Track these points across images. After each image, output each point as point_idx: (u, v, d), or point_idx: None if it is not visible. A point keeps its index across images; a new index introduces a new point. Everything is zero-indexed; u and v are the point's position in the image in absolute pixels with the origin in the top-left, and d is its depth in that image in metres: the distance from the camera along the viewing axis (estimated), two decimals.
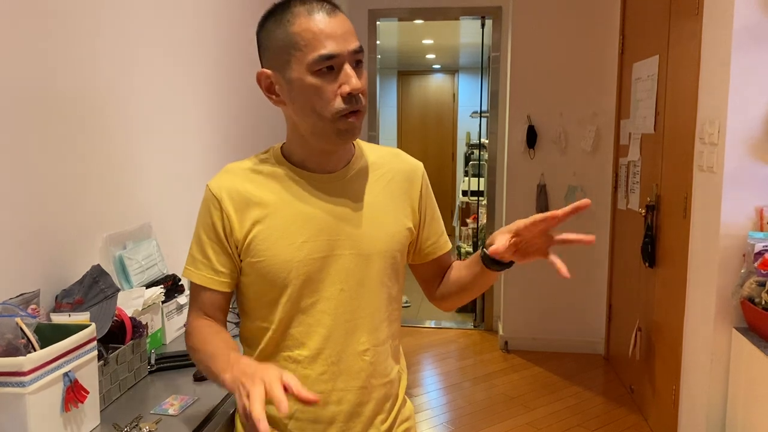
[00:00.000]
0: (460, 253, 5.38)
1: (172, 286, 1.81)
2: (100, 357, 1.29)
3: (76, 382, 1.15)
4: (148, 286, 1.71)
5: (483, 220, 4.87)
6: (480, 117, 5.13)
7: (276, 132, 3.03)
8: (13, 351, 1.08)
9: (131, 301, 1.56)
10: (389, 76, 8.75)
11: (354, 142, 1.17)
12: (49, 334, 1.15)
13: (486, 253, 1.08)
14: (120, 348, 1.38)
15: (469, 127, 8.27)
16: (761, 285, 2.04)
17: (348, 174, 1.13)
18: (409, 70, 8.84)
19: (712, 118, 2.29)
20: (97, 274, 1.47)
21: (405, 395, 1.24)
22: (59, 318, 1.32)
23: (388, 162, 1.19)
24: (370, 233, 1.11)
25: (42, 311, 1.34)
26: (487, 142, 4.67)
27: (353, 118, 1.04)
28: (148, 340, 1.56)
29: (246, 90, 2.76)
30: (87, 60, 1.61)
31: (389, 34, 6.36)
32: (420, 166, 1.23)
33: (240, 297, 1.15)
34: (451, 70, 8.82)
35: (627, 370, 3.53)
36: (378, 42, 4.50)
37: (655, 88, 3.01)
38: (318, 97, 1.02)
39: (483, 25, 4.47)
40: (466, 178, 6.37)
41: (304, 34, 1.00)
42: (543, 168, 4.04)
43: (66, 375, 1.12)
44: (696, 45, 2.45)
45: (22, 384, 1.03)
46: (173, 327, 1.79)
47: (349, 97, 1.02)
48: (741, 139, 2.17)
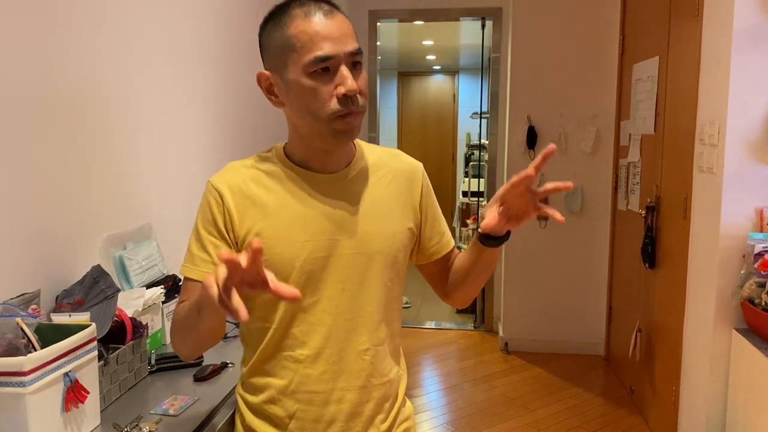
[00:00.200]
0: None
1: (173, 287, 1.81)
2: (101, 357, 1.29)
3: (77, 382, 1.15)
4: (149, 287, 1.71)
5: None
6: (480, 118, 5.13)
7: (277, 132, 3.04)
8: (13, 351, 1.08)
9: (131, 302, 1.56)
10: (389, 77, 8.76)
11: (354, 142, 1.17)
12: (50, 335, 1.15)
13: (479, 232, 1.11)
14: (120, 348, 1.38)
15: (469, 127, 8.28)
16: (761, 286, 2.04)
17: (349, 174, 1.13)
18: (409, 71, 8.85)
19: (712, 119, 2.29)
20: (97, 275, 1.47)
21: (405, 395, 1.24)
22: (60, 318, 1.32)
23: (388, 162, 1.19)
24: (371, 233, 1.11)
25: (42, 311, 1.34)
26: (487, 143, 4.68)
27: (350, 119, 1.04)
28: (149, 341, 1.56)
29: (247, 90, 2.76)
30: (88, 60, 1.61)
31: (389, 35, 6.37)
32: (419, 166, 1.23)
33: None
34: (452, 71, 8.83)
35: (627, 371, 3.53)
36: (378, 43, 4.51)
37: (655, 89, 3.01)
38: (314, 98, 1.02)
39: (483, 26, 4.47)
40: (467, 179, 6.37)
41: (301, 36, 1.00)
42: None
43: (66, 375, 1.12)
44: (696, 46, 2.45)
45: (22, 384, 1.04)
46: None
47: (345, 98, 1.02)
48: (741, 140, 2.17)
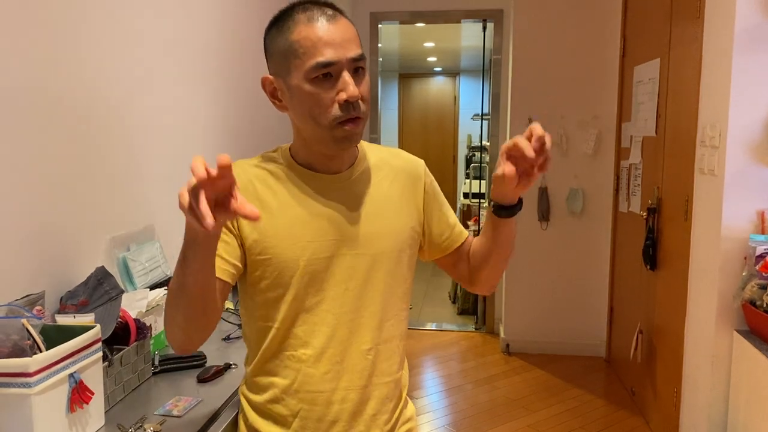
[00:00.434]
0: None
1: None
2: (105, 358, 1.29)
3: (81, 383, 1.15)
4: (152, 288, 1.72)
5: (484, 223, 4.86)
6: (481, 119, 5.14)
7: (281, 133, 3.04)
8: (19, 352, 1.08)
9: (135, 303, 1.57)
10: (391, 79, 8.77)
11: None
12: (54, 336, 1.16)
13: (493, 203, 1.12)
14: (124, 349, 1.39)
15: (470, 129, 8.29)
16: (762, 288, 2.05)
17: (353, 175, 1.14)
18: (410, 73, 8.87)
19: (714, 121, 2.30)
20: (101, 276, 1.48)
21: (407, 396, 1.25)
22: (64, 319, 1.33)
23: (389, 162, 1.20)
24: (374, 233, 1.12)
25: (47, 312, 1.35)
26: (488, 144, 4.68)
27: (350, 126, 1.04)
28: (152, 342, 1.57)
29: (251, 92, 2.77)
30: (93, 61, 1.62)
31: (391, 37, 6.38)
32: (421, 162, 1.24)
33: (243, 296, 1.15)
34: (453, 72, 8.84)
35: (628, 372, 3.53)
36: (379, 45, 4.51)
37: (656, 91, 3.02)
38: (315, 104, 1.03)
39: (484, 28, 4.47)
40: (468, 181, 6.38)
41: (303, 42, 1.01)
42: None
43: (71, 376, 1.13)
44: (697, 48, 2.46)
45: (28, 385, 1.04)
46: None
47: (346, 104, 1.02)
48: (742, 142, 2.18)
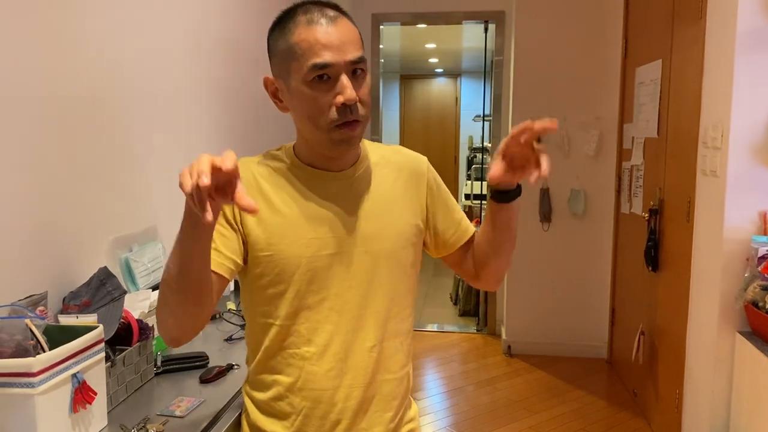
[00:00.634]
0: None
1: None
2: (107, 359, 1.29)
3: (84, 383, 1.15)
4: (154, 289, 1.72)
5: None
6: (483, 121, 5.14)
7: (284, 133, 3.04)
8: (22, 352, 1.08)
9: (138, 303, 1.57)
10: (392, 80, 8.78)
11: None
12: (57, 336, 1.16)
13: (491, 188, 1.12)
14: (127, 350, 1.39)
15: (471, 130, 8.29)
16: (765, 289, 2.04)
17: (355, 173, 1.14)
18: (411, 74, 8.87)
19: (716, 122, 2.30)
20: (104, 276, 1.48)
21: (410, 396, 1.25)
22: (67, 320, 1.33)
23: (391, 159, 1.20)
24: (377, 231, 1.12)
25: (49, 313, 1.35)
26: (489, 145, 4.68)
27: (348, 129, 1.03)
28: (155, 342, 1.57)
29: (253, 92, 2.77)
30: (96, 62, 1.62)
31: (392, 38, 6.38)
32: (424, 159, 1.24)
33: (244, 293, 1.15)
34: (454, 74, 8.85)
35: (630, 374, 3.53)
36: (381, 46, 4.52)
37: (658, 92, 3.02)
38: (313, 107, 1.03)
39: (486, 30, 4.48)
40: (469, 182, 6.39)
41: (302, 44, 1.01)
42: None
43: (74, 376, 1.13)
44: (699, 49, 2.46)
45: (31, 385, 1.04)
46: None
47: (344, 107, 1.02)
48: (744, 143, 2.18)
